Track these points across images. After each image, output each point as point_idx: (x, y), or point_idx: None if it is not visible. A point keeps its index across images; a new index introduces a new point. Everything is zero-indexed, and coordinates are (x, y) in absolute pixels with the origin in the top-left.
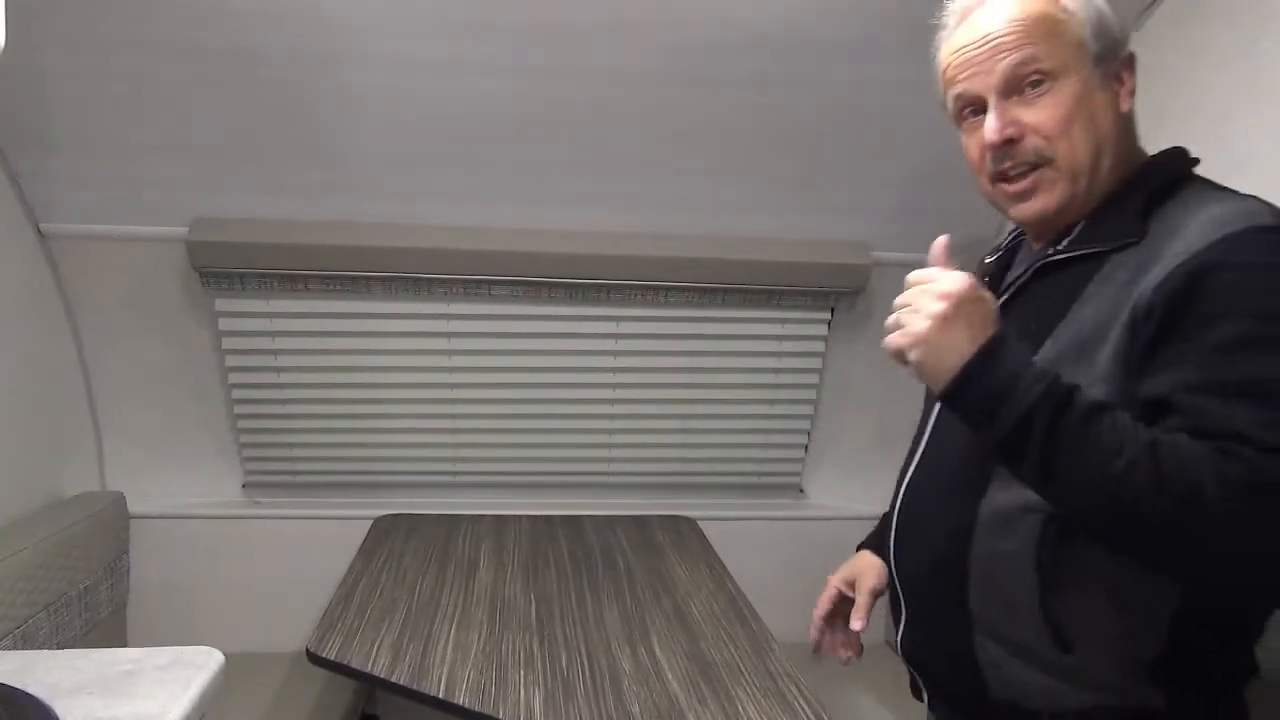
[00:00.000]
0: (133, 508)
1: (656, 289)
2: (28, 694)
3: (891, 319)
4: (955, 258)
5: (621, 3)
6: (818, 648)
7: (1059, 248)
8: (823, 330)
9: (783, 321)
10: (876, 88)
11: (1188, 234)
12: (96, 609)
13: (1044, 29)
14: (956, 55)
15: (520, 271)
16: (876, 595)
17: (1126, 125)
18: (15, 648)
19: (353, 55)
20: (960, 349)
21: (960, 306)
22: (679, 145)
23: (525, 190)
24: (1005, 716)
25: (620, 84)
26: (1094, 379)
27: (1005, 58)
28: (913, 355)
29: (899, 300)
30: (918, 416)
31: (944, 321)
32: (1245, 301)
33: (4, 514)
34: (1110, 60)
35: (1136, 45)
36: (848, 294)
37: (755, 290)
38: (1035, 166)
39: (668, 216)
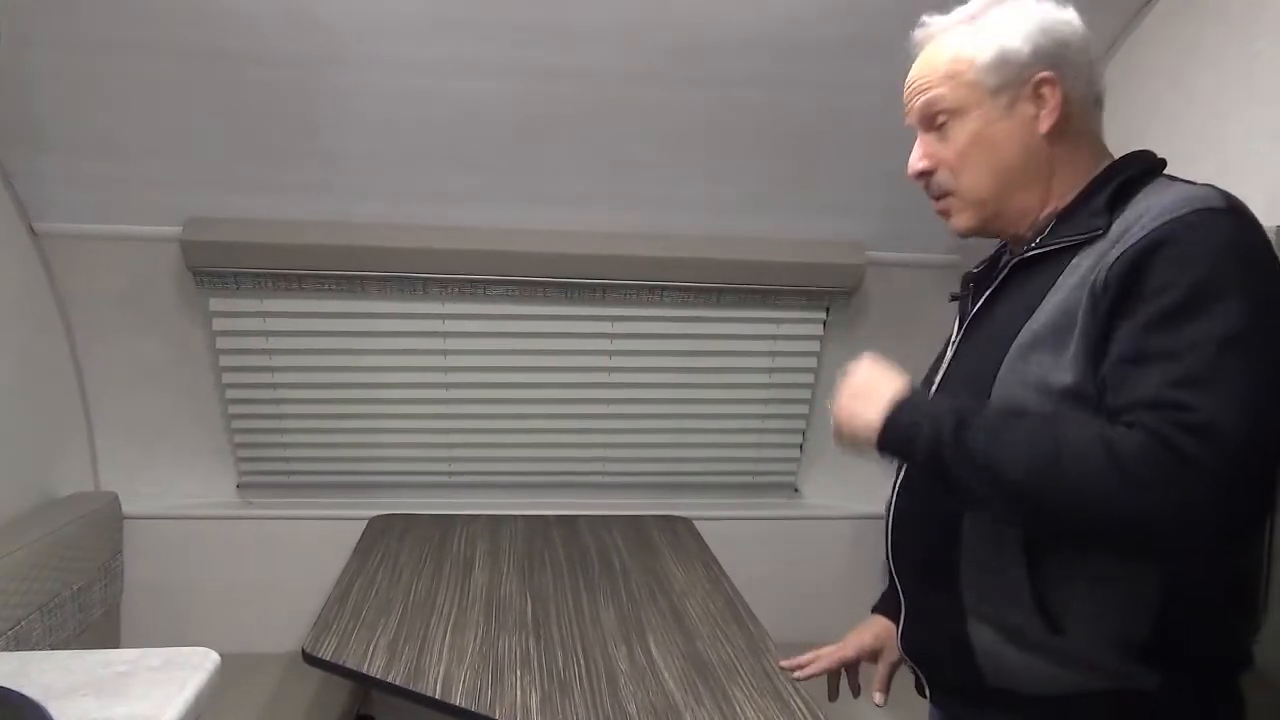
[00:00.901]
0: (126, 508)
1: (652, 289)
2: (22, 695)
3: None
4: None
5: (618, 3)
6: (799, 669)
7: (1030, 246)
8: (818, 330)
9: (778, 321)
10: (873, 88)
11: (1143, 220)
12: (90, 609)
13: (944, 74)
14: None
15: (515, 271)
16: (895, 668)
17: (1063, 139)
18: (8, 649)
19: (347, 55)
20: (870, 424)
21: (856, 397)
22: (675, 145)
23: (520, 190)
24: (1003, 703)
25: (616, 84)
26: (1066, 366)
27: (918, 99)
28: (844, 440)
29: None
30: None
31: (849, 412)
32: (1181, 275)
33: None
34: (1013, 88)
35: (1130, 44)
36: (843, 294)
37: (750, 290)
38: (947, 193)
39: (663, 216)
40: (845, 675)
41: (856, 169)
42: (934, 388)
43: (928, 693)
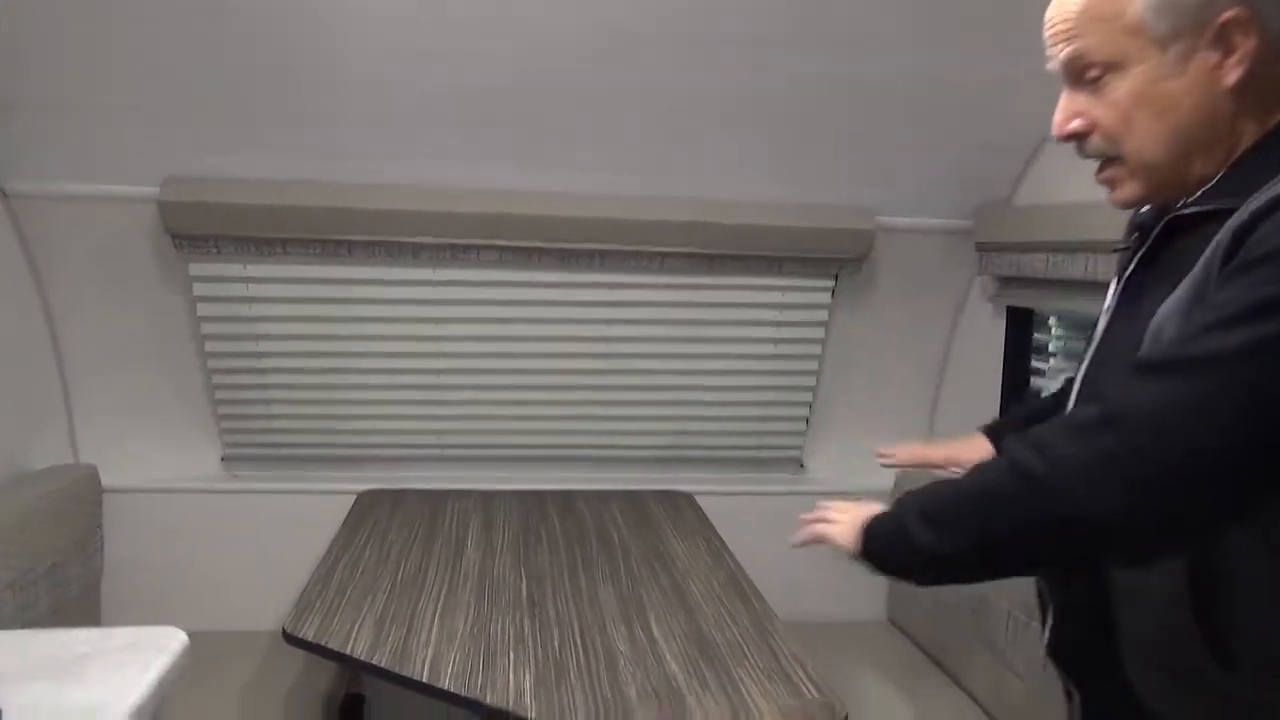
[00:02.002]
0: (106, 481)
1: (653, 255)
2: None
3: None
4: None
5: None
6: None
7: (1186, 203)
8: (826, 299)
9: (784, 289)
10: (886, 50)
11: None
12: (66, 586)
13: (1093, 17)
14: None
15: (510, 236)
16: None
17: (1251, 88)
18: None
19: (335, 9)
20: (855, 528)
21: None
22: (679, 106)
23: (516, 151)
24: None
25: (618, 42)
26: None
27: (1060, 50)
28: (838, 541)
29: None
30: (925, 389)
31: (848, 526)
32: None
33: None
34: (1190, 37)
35: None
36: (852, 261)
37: (756, 257)
38: (1109, 160)
39: (666, 179)
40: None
41: (867, 132)
42: (1085, 361)
43: (1073, 698)
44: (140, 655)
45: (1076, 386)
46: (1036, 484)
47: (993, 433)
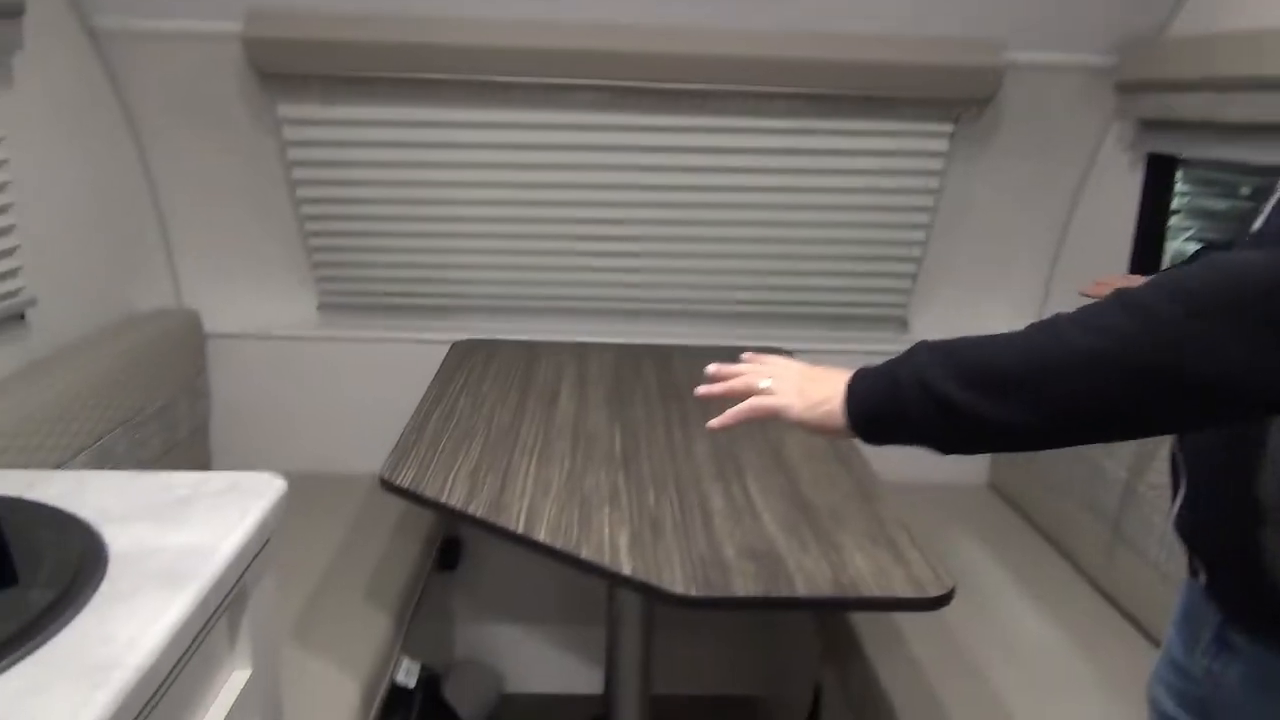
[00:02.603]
0: (208, 326)
1: (757, 96)
2: (75, 518)
3: (736, 384)
4: None
5: None
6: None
7: None
8: (943, 145)
9: (897, 134)
10: None
11: None
12: (175, 428)
13: None
14: None
15: (605, 74)
16: None
17: None
18: (91, 464)
19: None
20: (831, 382)
21: (809, 382)
22: None
23: None
24: None
25: None
26: None
27: None
28: (794, 402)
29: (735, 369)
30: (1045, 246)
31: (807, 376)
32: None
33: (76, 329)
34: None
35: None
36: (975, 103)
37: (867, 98)
38: None
39: (771, 10)
40: None
41: None
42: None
43: (1201, 578)
44: (240, 500)
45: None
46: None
47: None
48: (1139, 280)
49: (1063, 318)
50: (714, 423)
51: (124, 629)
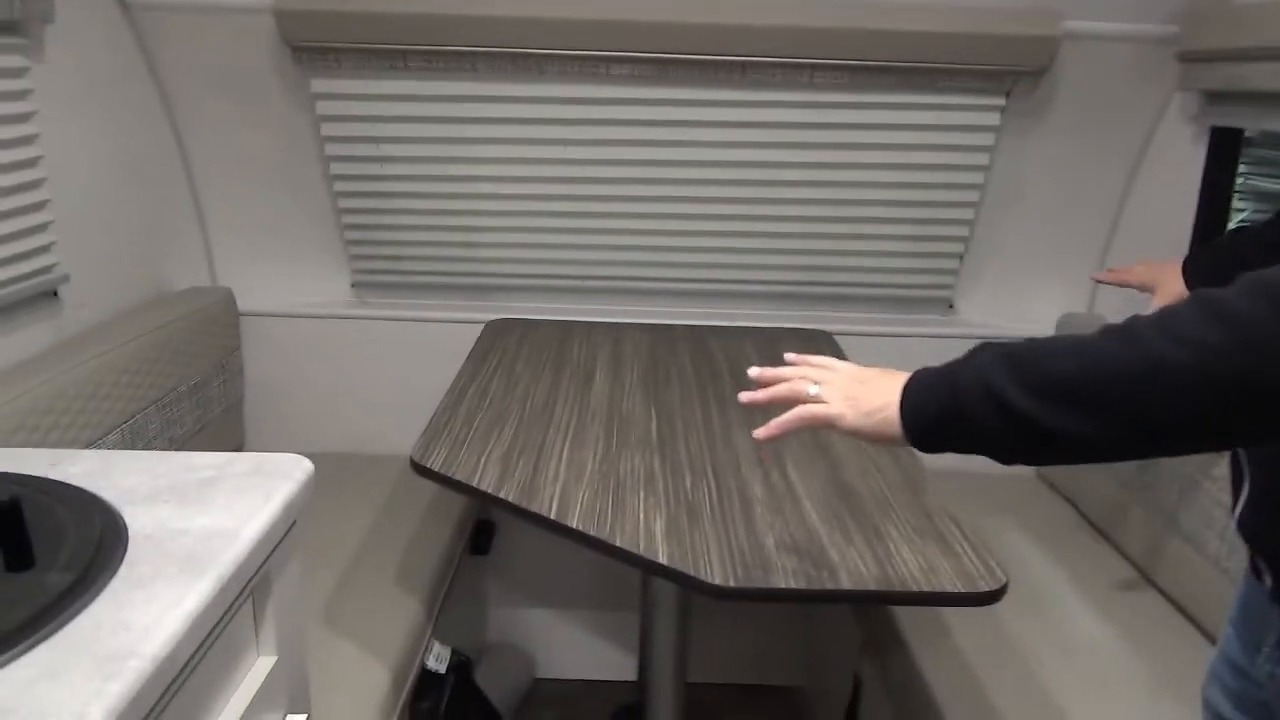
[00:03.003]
0: (242, 304)
1: (800, 68)
2: (98, 499)
3: (782, 390)
4: None
5: None
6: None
7: None
8: (994, 119)
9: (945, 108)
10: None
11: None
12: (209, 406)
13: None
14: None
15: (642, 46)
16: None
17: None
18: (123, 442)
19: None
20: (884, 386)
21: (860, 386)
22: None
23: None
24: None
25: None
26: None
27: None
28: (846, 411)
29: (779, 373)
30: (1100, 226)
31: (857, 379)
32: None
33: (108, 306)
34: None
35: None
36: (1028, 74)
37: (914, 69)
38: None
39: None
40: None
41: None
42: None
43: (1266, 581)
44: (266, 482)
45: None
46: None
47: (1193, 267)
48: (1163, 267)
49: (1139, 323)
50: (760, 433)
51: (141, 616)
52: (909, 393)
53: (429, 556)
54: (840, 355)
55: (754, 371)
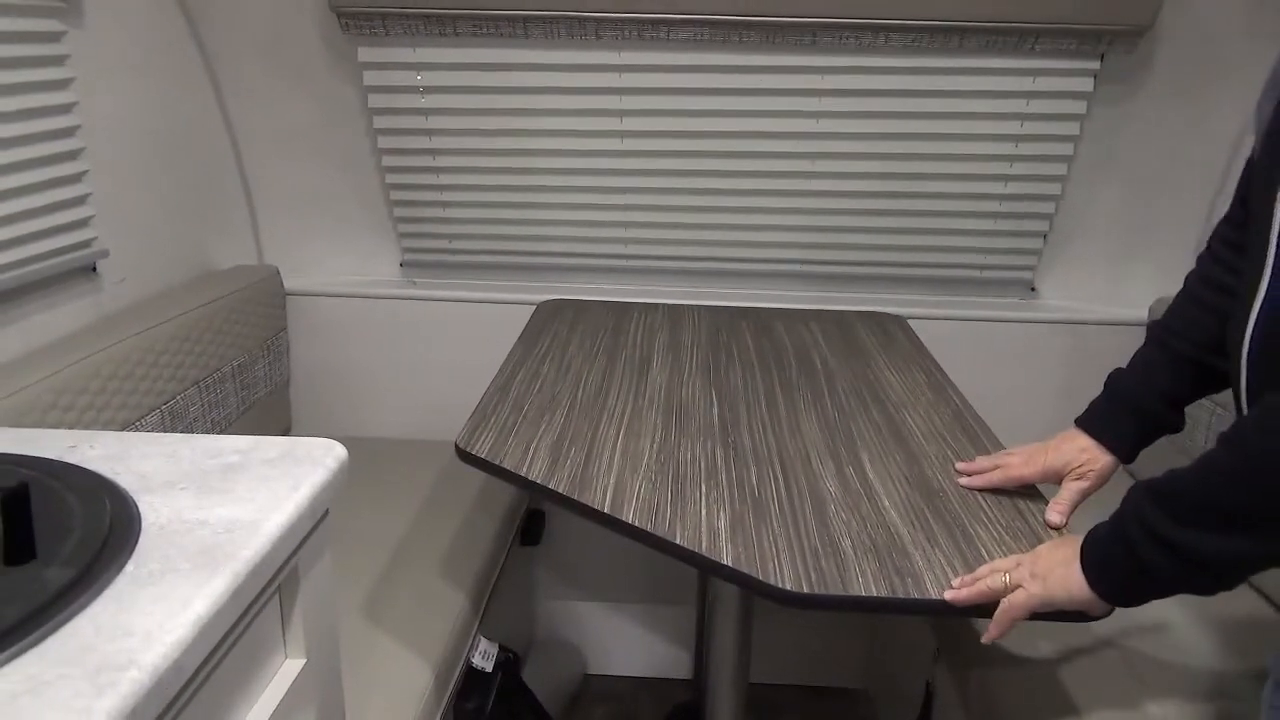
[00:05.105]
0: (288, 284)
1: (875, 29)
2: (113, 485)
3: (981, 594)
4: None
5: None
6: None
7: None
8: (1087, 85)
9: (1033, 73)
10: None
11: None
12: (253, 388)
13: None
14: None
15: (706, 8)
16: (1085, 495)
17: None
18: (163, 424)
19: None
20: (1059, 561)
21: (1038, 560)
22: None
23: None
24: None
25: None
26: None
27: None
28: (1040, 591)
29: (970, 579)
30: (1199, 203)
31: (1034, 555)
32: None
33: (150, 283)
34: None
35: None
36: (1126, 34)
37: (998, 30)
38: None
39: None
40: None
41: None
42: (1259, 298)
43: None
44: (295, 468)
45: (1249, 335)
46: None
47: (1086, 426)
48: (1044, 449)
49: (1247, 427)
50: (987, 638)
51: (144, 619)
52: (1087, 564)
53: (477, 547)
54: (915, 340)
55: (949, 595)
